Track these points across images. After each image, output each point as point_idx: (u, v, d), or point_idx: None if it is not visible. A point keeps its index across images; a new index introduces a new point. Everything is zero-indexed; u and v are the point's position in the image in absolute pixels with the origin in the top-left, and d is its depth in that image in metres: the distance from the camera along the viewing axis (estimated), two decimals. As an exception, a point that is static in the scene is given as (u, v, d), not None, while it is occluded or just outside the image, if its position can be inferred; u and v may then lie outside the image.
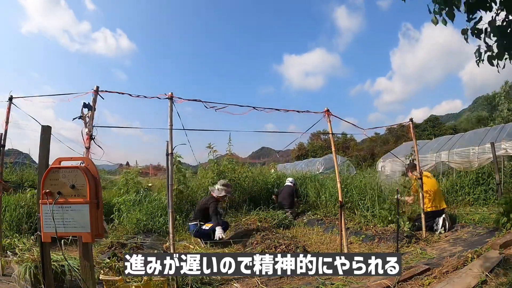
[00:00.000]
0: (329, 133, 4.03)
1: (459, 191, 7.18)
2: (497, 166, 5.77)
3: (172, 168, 3.16)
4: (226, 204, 6.79)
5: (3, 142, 3.44)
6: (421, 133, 32.99)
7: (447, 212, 5.08)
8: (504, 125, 8.84)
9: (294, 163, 20.52)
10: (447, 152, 8.58)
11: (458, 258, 3.07)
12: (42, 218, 1.79)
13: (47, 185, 1.79)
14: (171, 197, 3.02)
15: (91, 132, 2.59)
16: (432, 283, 2.60)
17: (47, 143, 2.33)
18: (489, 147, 6.22)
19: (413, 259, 3.59)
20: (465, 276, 2.58)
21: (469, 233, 4.44)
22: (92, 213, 1.79)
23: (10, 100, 3.45)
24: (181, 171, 6.62)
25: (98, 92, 2.77)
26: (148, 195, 6.40)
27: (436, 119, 40.78)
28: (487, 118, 31.60)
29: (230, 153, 7.80)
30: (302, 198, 7.70)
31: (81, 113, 2.60)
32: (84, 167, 1.83)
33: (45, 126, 2.33)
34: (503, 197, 4.50)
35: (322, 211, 6.58)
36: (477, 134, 9.05)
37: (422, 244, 4.22)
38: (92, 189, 1.80)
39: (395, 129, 34.19)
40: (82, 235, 1.83)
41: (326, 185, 7.10)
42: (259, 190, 7.80)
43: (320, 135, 36.80)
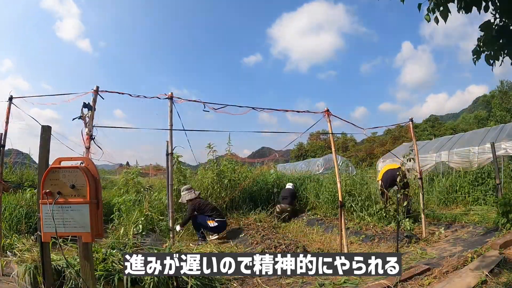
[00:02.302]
0: (329, 133, 4.03)
1: (459, 191, 7.18)
2: (497, 166, 5.77)
3: (172, 168, 3.16)
4: (226, 204, 6.81)
5: (3, 142, 3.44)
6: (421, 133, 33.03)
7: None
8: (504, 125, 8.85)
9: (294, 163, 20.53)
10: (447, 152, 8.59)
11: (458, 258, 3.07)
12: (42, 218, 1.79)
13: (47, 185, 1.78)
14: (171, 197, 3.02)
15: (91, 132, 2.59)
16: (432, 283, 2.60)
17: (47, 143, 2.33)
18: (489, 147, 6.22)
19: (413, 259, 3.59)
20: (465, 276, 2.58)
21: (469, 233, 4.44)
22: (92, 213, 1.79)
23: (10, 100, 3.45)
24: (181, 171, 6.63)
25: (98, 92, 2.78)
26: (149, 195, 6.40)
27: (436, 119, 40.83)
28: (486, 118, 31.67)
29: (230, 153, 7.80)
30: (303, 199, 7.70)
31: (81, 113, 2.61)
32: (84, 167, 1.83)
33: (45, 126, 2.33)
34: (503, 197, 4.50)
35: (322, 211, 6.58)
36: (477, 134, 9.06)
37: (422, 244, 4.22)
38: (92, 189, 1.79)
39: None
40: (82, 235, 1.83)
41: (326, 185, 7.10)
42: (259, 190, 7.80)
43: (319, 135, 36.81)
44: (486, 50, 2.15)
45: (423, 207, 4.70)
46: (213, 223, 5.22)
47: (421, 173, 4.82)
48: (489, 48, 2.13)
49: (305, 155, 38.62)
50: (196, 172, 8.18)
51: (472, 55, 2.23)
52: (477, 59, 2.22)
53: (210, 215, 5.27)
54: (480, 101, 46.04)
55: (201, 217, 5.29)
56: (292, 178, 8.69)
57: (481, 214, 5.56)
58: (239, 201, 7.17)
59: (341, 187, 3.79)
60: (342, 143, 40.41)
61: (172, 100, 3.57)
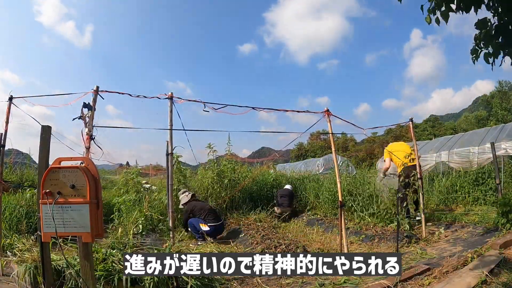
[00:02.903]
0: (328, 133, 4.03)
1: (459, 191, 7.19)
2: (497, 166, 5.77)
3: (172, 168, 3.16)
4: (226, 204, 6.81)
5: (3, 142, 3.44)
6: (421, 133, 33.08)
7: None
8: (504, 125, 8.85)
9: (294, 163, 20.54)
10: (447, 152, 8.60)
11: (458, 258, 3.07)
12: (42, 218, 1.79)
13: (47, 185, 1.79)
14: (171, 197, 3.02)
15: (91, 132, 2.60)
16: (432, 283, 2.60)
17: (47, 143, 2.33)
18: (489, 147, 6.22)
19: (413, 259, 3.59)
20: (465, 276, 2.58)
21: (469, 233, 4.44)
22: (92, 213, 1.79)
23: (10, 100, 3.46)
24: (181, 171, 6.62)
25: (98, 92, 2.78)
26: (149, 194, 6.39)
27: (436, 119, 40.85)
28: (486, 118, 31.70)
29: (229, 153, 7.81)
30: (302, 199, 7.70)
31: (81, 113, 2.61)
32: (84, 167, 1.83)
33: (45, 126, 2.34)
34: (503, 197, 4.50)
35: (322, 211, 6.58)
36: (477, 134, 9.07)
37: (422, 244, 4.22)
38: (92, 189, 1.80)
39: (393, 130, 34.25)
40: (82, 235, 1.83)
41: (326, 185, 7.10)
42: (259, 190, 7.81)
43: (320, 135, 36.83)
44: (484, 48, 2.15)
45: (423, 207, 4.70)
46: (205, 227, 5.01)
47: (421, 173, 4.82)
48: (486, 46, 2.13)
49: (305, 155, 38.65)
50: (196, 172, 8.19)
51: (471, 55, 2.23)
52: (476, 59, 2.22)
53: (203, 219, 5.06)
54: (480, 101, 46.08)
55: (194, 220, 5.14)
56: (291, 179, 8.70)
57: (481, 214, 5.56)
58: (239, 201, 7.16)
59: (341, 187, 3.79)
60: (342, 143, 40.43)
61: (172, 100, 3.58)
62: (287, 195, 7.04)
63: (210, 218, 5.08)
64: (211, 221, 5.06)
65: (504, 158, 7.55)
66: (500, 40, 2.05)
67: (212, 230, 5.01)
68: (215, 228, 5.07)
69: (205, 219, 5.06)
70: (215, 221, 5.11)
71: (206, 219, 5.06)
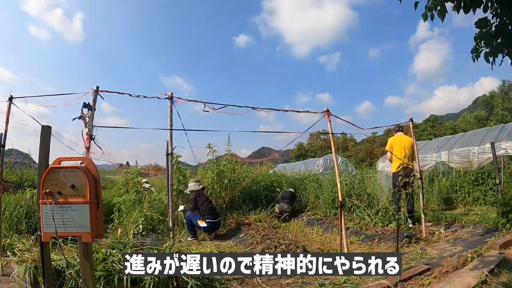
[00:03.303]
0: (328, 133, 4.03)
1: (459, 191, 7.19)
2: (497, 166, 5.77)
3: (172, 168, 3.16)
4: (226, 204, 6.81)
5: (3, 142, 3.44)
6: (421, 133, 33.06)
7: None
8: (504, 125, 8.84)
9: (294, 163, 20.54)
10: (447, 152, 8.58)
11: (458, 258, 3.07)
12: (42, 218, 1.79)
13: (47, 185, 1.79)
14: (171, 197, 3.02)
15: (91, 132, 2.60)
16: (432, 283, 2.60)
17: (47, 143, 2.33)
18: (489, 147, 6.22)
19: (413, 259, 3.59)
20: (465, 276, 2.58)
21: (469, 233, 4.44)
22: (92, 213, 1.79)
23: (10, 100, 3.46)
24: (181, 171, 6.62)
25: (98, 92, 2.78)
26: (149, 194, 6.40)
27: (436, 119, 40.86)
28: (486, 118, 31.69)
29: (229, 153, 7.80)
30: (302, 199, 7.70)
31: (81, 113, 2.61)
32: (84, 167, 1.83)
33: (45, 126, 2.33)
34: (503, 197, 4.50)
35: (322, 211, 6.58)
36: (477, 134, 9.05)
37: (422, 244, 4.22)
38: (92, 189, 1.80)
39: (393, 130, 34.19)
40: (82, 235, 1.83)
41: (325, 185, 7.10)
42: (259, 190, 7.80)
43: (320, 135, 36.82)
44: (484, 47, 2.15)
45: (423, 207, 4.70)
46: (203, 223, 5.26)
47: (421, 172, 4.82)
48: (487, 45, 2.13)
49: (305, 155, 38.65)
50: (196, 172, 8.19)
51: (471, 54, 2.23)
52: (476, 58, 2.23)
53: (203, 215, 5.30)
54: (480, 101, 46.08)
55: (192, 216, 5.35)
56: (291, 179, 8.69)
57: (481, 214, 5.56)
58: (239, 201, 7.16)
59: (341, 187, 3.78)
60: (342, 143, 40.42)
61: (172, 100, 3.58)
62: (288, 197, 7.06)
63: (209, 215, 5.29)
64: (209, 218, 5.27)
65: (504, 158, 7.54)
66: (500, 40, 2.05)
67: (209, 226, 5.26)
68: (212, 224, 5.30)
69: (204, 215, 5.28)
70: (213, 218, 5.33)
71: (205, 216, 5.27)
